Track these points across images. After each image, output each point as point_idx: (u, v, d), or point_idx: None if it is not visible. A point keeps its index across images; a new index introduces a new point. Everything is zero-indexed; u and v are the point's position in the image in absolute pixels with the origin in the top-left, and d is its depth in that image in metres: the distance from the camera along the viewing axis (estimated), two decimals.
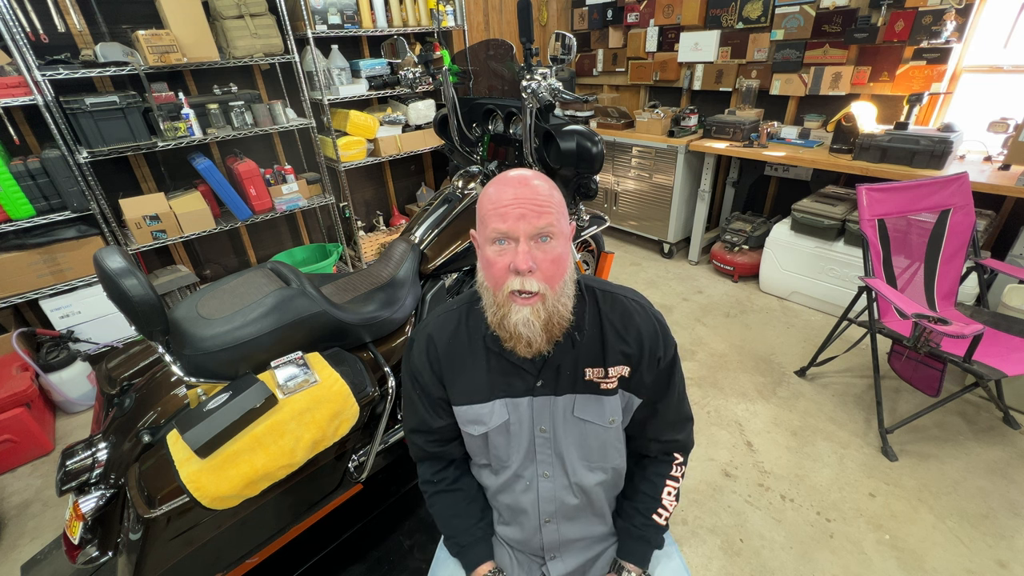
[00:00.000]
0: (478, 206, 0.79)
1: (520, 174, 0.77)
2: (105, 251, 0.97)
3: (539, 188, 0.75)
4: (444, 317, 0.90)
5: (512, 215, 0.73)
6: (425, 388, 0.90)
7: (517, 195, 0.73)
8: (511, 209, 0.73)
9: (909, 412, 1.94)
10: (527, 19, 1.31)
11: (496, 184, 0.77)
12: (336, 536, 1.51)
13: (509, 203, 0.73)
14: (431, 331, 0.89)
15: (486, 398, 0.86)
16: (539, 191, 0.75)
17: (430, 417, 0.91)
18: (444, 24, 3.24)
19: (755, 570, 1.50)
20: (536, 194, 0.74)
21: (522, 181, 0.76)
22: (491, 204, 0.75)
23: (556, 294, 0.76)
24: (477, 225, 0.80)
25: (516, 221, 0.73)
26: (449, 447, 0.95)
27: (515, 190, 0.74)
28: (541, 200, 0.74)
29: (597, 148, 1.44)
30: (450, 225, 1.58)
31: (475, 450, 0.93)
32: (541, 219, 0.73)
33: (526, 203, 0.73)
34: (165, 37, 2.26)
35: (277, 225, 3.34)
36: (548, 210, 0.74)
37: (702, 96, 3.52)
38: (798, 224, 2.71)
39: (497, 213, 0.73)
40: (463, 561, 0.94)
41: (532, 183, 0.75)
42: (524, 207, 0.73)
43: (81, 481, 1.04)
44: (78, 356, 2.30)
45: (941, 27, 2.35)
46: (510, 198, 0.73)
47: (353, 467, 1.34)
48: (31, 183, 2.15)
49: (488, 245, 0.76)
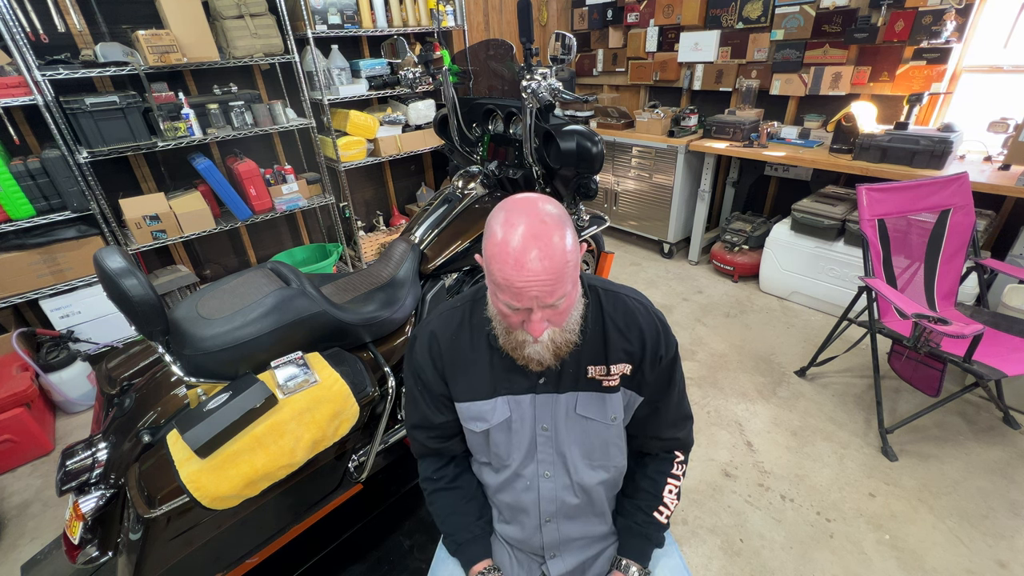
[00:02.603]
0: (486, 251, 0.72)
1: (533, 227, 0.68)
2: (105, 251, 0.97)
3: (553, 255, 0.67)
4: (447, 314, 0.90)
5: (527, 296, 0.69)
6: (427, 384, 0.90)
7: (533, 275, 0.67)
8: (526, 291, 0.68)
9: (909, 412, 1.94)
10: (527, 19, 1.32)
11: (505, 237, 0.68)
12: (336, 536, 1.51)
13: (523, 286, 0.68)
14: (434, 328, 0.89)
15: (488, 395, 0.87)
16: (552, 259, 0.67)
17: (432, 413, 0.92)
18: (444, 24, 3.24)
19: (755, 570, 1.50)
20: (548, 269, 0.67)
21: (536, 245, 0.67)
22: (502, 275, 0.68)
23: (565, 330, 0.78)
24: (485, 264, 0.73)
25: (530, 301, 0.70)
26: (450, 443, 0.96)
27: (528, 269, 0.67)
28: (553, 275, 0.68)
29: (597, 148, 1.44)
30: (450, 225, 1.58)
31: (476, 447, 0.94)
32: (553, 296, 0.70)
33: (540, 285, 0.68)
34: (165, 37, 2.26)
35: (277, 225, 3.34)
36: (560, 283, 0.69)
37: (702, 96, 3.52)
38: (798, 224, 2.71)
39: (511, 289, 0.69)
40: (461, 559, 0.94)
41: (548, 246, 0.67)
42: (539, 288, 0.68)
43: (81, 481, 1.04)
44: (78, 356, 2.30)
45: (941, 27, 2.35)
46: (524, 280, 0.67)
47: (353, 467, 1.34)
48: (31, 183, 2.15)
49: (499, 298, 0.73)
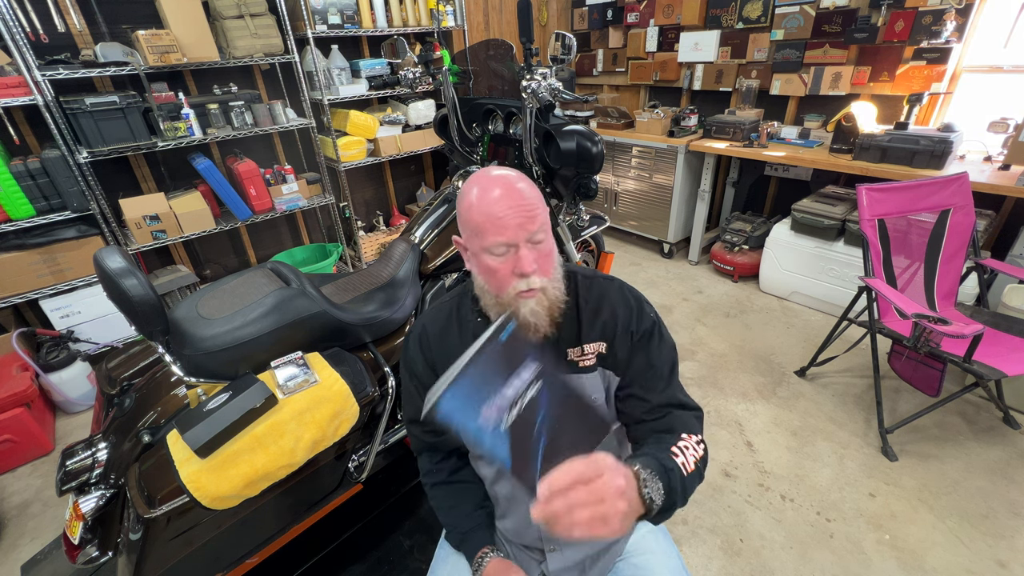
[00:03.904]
0: (464, 214, 0.79)
1: (502, 177, 0.78)
2: (105, 251, 0.97)
3: (524, 191, 0.77)
4: (436, 309, 0.94)
5: (511, 226, 0.74)
6: (420, 378, 0.92)
7: (510, 205, 0.75)
8: (508, 220, 0.74)
9: (909, 412, 1.94)
10: (527, 19, 1.32)
11: (480, 190, 0.77)
12: (336, 536, 1.51)
13: (505, 214, 0.74)
14: (424, 322, 0.93)
15: None
16: (525, 195, 0.76)
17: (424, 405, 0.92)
18: (444, 24, 3.24)
19: (755, 570, 1.50)
20: (524, 199, 0.76)
21: (507, 186, 0.76)
22: (483, 216, 0.75)
23: (552, 281, 0.81)
24: (465, 234, 0.80)
25: (516, 231, 0.75)
26: (445, 437, 0.96)
27: (506, 200, 0.75)
28: (530, 204, 0.76)
29: (597, 148, 1.44)
30: (450, 225, 1.58)
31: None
32: (535, 223, 0.76)
33: (520, 211, 0.75)
34: (165, 37, 2.26)
35: (277, 225, 3.34)
36: (538, 213, 0.77)
37: (702, 96, 3.52)
38: (798, 224, 2.71)
39: (495, 226, 0.75)
40: (464, 550, 0.94)
41: (517, 186, 0.77)
42: (519, 216, 0.74)
43: (81, 481, 1.04)
44: (78, 356, 2.30)
45: (941, 27, 2.35)
46: (505, 209, 0.74)
47: (353, 467, 1.34)
48: (31, 183, 2.15)
49: (486, 254, 0.78)
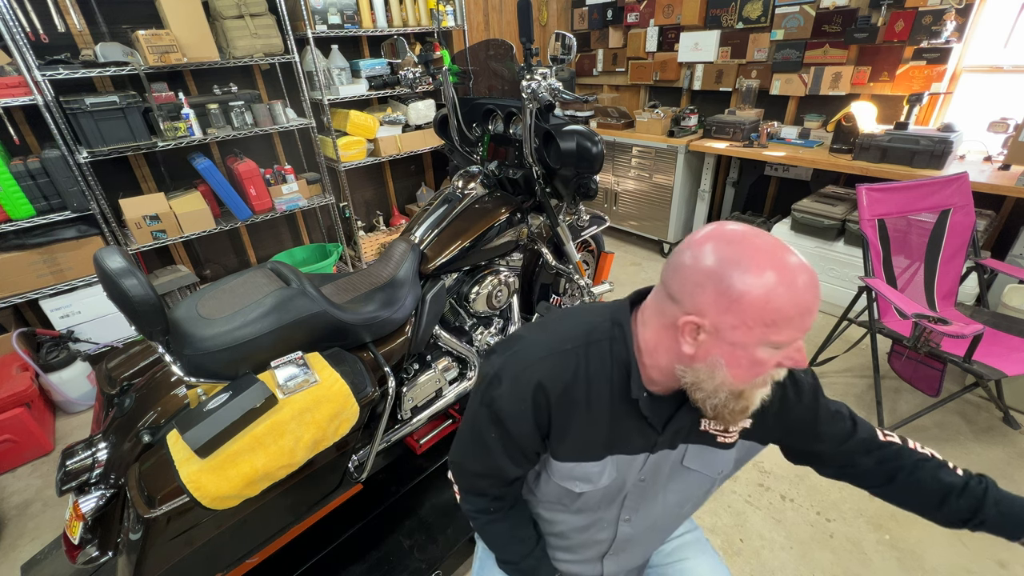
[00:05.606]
0: (759, 303, 0.58)
1: (799, 262, 0.60)
2: (105, 251, 0.97)
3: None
4: (557, 360, 0.73)
5: (811, 320, 0.61)
6: (515, 438, 0.75)
7: (816, 295, 0.60)
8: (811, 314, 0.60)
9: (909, 412, 1.94)
10: (527, 19, 1.32)
11: (786, 275, 0.58)
12: (336, 536, 1.51)
13: (814, 305, 0.60)
14: (542, 378, 0.72)
15: (600, 455, 0.75)
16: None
17: (508, 466, 0.79)
18: (444, 24, 3.24)
19: (755, 570, 1.50)
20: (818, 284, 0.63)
21: (811, 273, 0.61)
22: (798, 309, 0.59)
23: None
24: (743, 320, 0.59)
25: (810, 325, 0.62)
26: (514, 487, 0.86)
27: (814, 288, 0.60)
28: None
29: (597, 148, 1.44)
30: (450, 225, 1.58)
31: (553, 495, 0.83)
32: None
33: (818, 302, 0.61)
34: (165, 37, 2.26)
35: (277, 225, 3.34)
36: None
37: (702, 96, 3.52)
38: (798, 224, 2.71)
39: (804, 320, 0.60)
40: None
41: (814, 270, 0.62)
42: (817, 306, 0.61)
43: (81, 481, 1.04)
44: (78, 356, 2.30)
45: (941, 27, 2.35)
46: (814, 299, 0.60)
47: (353, 467, 1.34)
48: (31, 183, 2.15)
49: (762, 347, 0.61)
